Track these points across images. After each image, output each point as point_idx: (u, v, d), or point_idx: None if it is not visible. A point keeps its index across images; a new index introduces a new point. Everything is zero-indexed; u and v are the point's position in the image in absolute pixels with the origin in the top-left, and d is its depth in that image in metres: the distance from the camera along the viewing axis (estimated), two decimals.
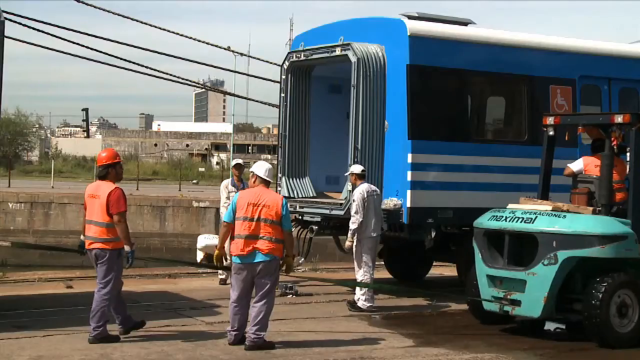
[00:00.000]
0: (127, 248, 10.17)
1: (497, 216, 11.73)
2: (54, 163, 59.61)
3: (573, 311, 11.17)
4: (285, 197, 14.96)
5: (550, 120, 12.45)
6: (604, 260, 11.02)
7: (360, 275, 12.83)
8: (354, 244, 12.87)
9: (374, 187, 13.08)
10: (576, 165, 12.47)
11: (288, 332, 11.13)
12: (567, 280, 11.11)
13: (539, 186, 12.51)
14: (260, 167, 10.29)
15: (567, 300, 11.18)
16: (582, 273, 11.18)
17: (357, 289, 12.94)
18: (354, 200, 12.76)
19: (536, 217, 11.24)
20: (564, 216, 11.19)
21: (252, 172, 10.42)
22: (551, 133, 12.46)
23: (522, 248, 11.38)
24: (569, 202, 12.16)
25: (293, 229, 14.92)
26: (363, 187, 12.88)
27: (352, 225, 12.74)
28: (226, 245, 10.44)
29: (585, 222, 11.11)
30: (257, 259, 9.91)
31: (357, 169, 13.10)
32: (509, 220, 11.46)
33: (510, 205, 12.00)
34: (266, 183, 10.24)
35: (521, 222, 11.31)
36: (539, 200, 12.02)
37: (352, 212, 12.75)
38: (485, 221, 11.86)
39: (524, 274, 11.14)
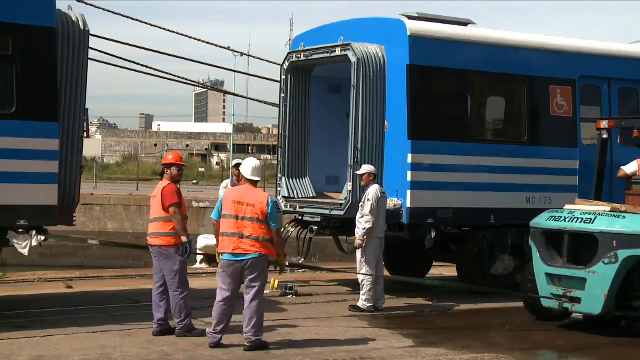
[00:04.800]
0: (183, 239, 10.55)
1: (555, 216, 11.97)
2: None
3: (631, 308, 11.36)
4: (285, 197, 15.05)
5: (604, 123, 12.62)
6: None
7: (363, 275, 12.81)
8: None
9: (383, 189, 13.09)
10: (630, 168, 12.74)
11: (288, 332, 11.13)
12: (626, 278, 11.29)
13: (592, 187, 12.74)
14: (247, 167, 10.30)
15: (625, 298, 11.35)
16: None
17: (361, 289, 12.90)
18: (368, 200, 12.72)
19: (595, 217, 11.48)
20: (624, 216, 11.39)
21: (235, 167, 10.48)
22: (605, 136, 12.67)
23: (580, 247, 11.60)
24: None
25: (293, 229, 15.03)
26: (377, 187, 12.89)
27: (367, 225, 12.69)
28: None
29: None
30: (244, 256, 9.90)
31: (372, 168, 13.08)
32: (569, 221, 11.70)
33: (567, 206, 12.25)
34: (253, 183, 10.25)
35: (581, 222, 11.55)
36: (595, 201, 12.21)
37: (366, 211, 12.70)
38: (543, 221, 12.08)
39: (584, 272, 11.37)
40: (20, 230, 11.18)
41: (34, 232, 11.23)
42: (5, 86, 11.25)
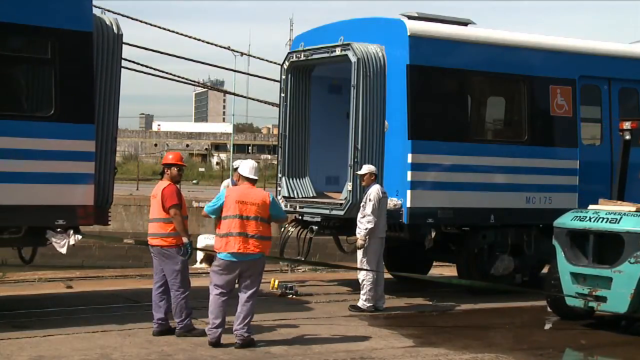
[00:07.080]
0: (184, 240, 10.59)
1: (580, 216, 12.05)
2: None
3: None
4: (285, 197, 15.05)
5: (626, 124, 12.73)
6: None
7: (363, 275, 12.82)
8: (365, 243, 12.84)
9: (384, 189, 13.09)
10: None
11: (288, 332, 11.13)
12: None
13: (615, 187, 12.79)
14: (246, 167, 10.38)
15: None
16: None
17: (361, 289, 12.91)
18: (370, 200, 12.72)
19: (621, 217, 11.56)
20: None
21: (236, 170, 10.59)
22: (627, 137, 12.74)
23: (604, 247, 11.67)
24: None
25: (293, 229, 15.03)
26: (378, 187, 12.89)
27: (369, 225, 12.68)
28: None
29: None
30: (246, 257, 10.03)
31: (373, 168, 13.08)
32: (594, 221, 11.78)
33: (591, 207, 12.32)
34: (252, 181, 10.33)
35: (606, 222, 11.63)
36: (619, 202, 12.28)
37: (368, 211, 12.69)
38: (568, 221, 12.16)
39: (609, 272, 11.45)
40: (58, 229, 11.37)
41: (71, 231, 11.42)
42: (44, 89, 11.51)
